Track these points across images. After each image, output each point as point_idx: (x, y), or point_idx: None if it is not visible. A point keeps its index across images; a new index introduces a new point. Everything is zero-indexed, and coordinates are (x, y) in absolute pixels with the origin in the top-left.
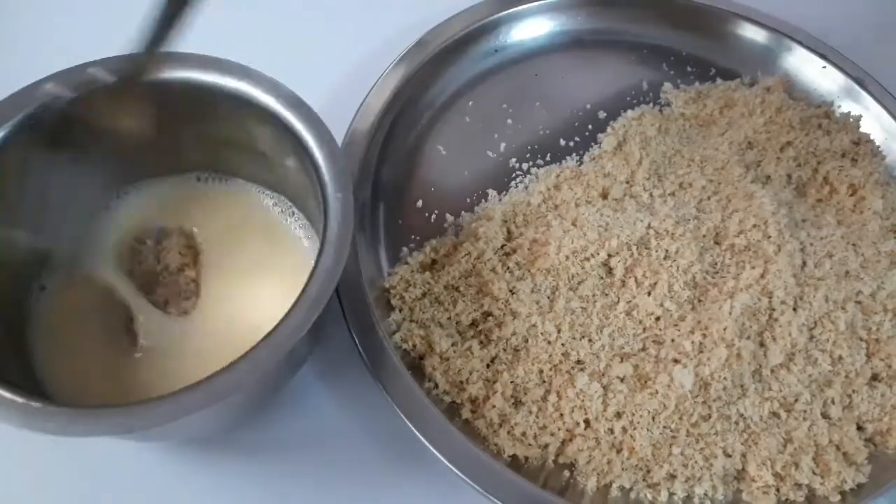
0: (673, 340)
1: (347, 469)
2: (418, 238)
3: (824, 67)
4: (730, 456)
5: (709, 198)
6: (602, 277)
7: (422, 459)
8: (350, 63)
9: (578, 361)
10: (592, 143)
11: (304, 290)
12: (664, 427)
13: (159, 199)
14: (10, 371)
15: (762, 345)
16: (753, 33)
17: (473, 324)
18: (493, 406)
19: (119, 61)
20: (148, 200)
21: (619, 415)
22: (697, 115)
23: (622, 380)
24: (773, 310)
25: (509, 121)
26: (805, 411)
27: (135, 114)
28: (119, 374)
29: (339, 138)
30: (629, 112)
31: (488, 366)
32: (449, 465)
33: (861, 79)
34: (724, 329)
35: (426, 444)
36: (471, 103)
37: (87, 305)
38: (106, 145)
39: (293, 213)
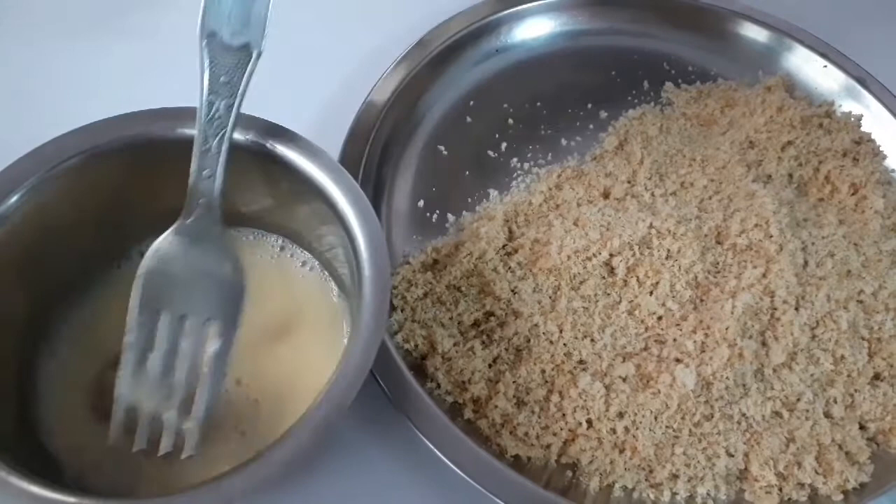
0: (675, 340)
1: (347, 467)
2: (419, 238)
3: (825, 67)
4: (732, 455)
5: (710, 197)
6: (604, 277)
7: (424, 459)
8: (351, 63)
9: (581, 361)
10: (594, 143)
11: (338, 369)
12: (666, 427)
13: None
14: (21, 450)
15: (764, 344)
16: (754, 33)
17: (475, 324)
18: (496, 406)
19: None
20: None
21: (621, 415)
22: (699, 115)
23: (624, 379)
24: (775, 309)
25: (510, 120)
26: (807, 411)
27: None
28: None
29: (341, 138)
30: (630, 111)
31: (490, 366)
32: (451, 465)
33: (862, 78)
34: (726, 328)
35: (428, 444)
36: (472, 103)
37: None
38: (127, 200)
39: (322, 271)
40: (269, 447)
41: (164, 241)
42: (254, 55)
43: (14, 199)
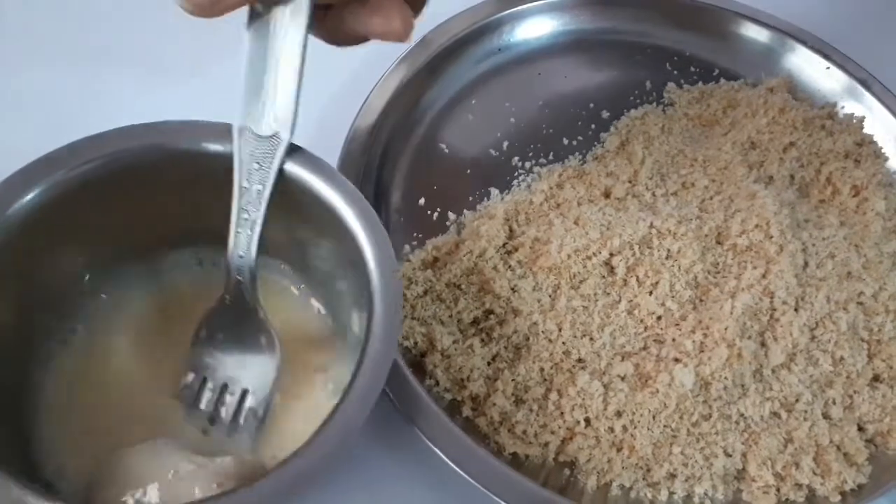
0: (674, 340)
1: (346, 463)
2: (420, 236)
3: (828, 68)
4: (730, 455)
5: (711, 198)
6: (604, 276)
7: (421, 456)
8: (353, 62)
9: (579, 360)
10: (595, 143)
11: (348, 389)
12: (665, 426)
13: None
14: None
15: (763, 345)
16: (757, 33)
17: (475, 322)
18: (494, 404)
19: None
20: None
21: (619, 413)
22: (700, 115)
23: (623, 379)
24: (775, 310)
25: (512, 119)
26: (806, 411)
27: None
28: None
29: (342, 137)
30: (632, 111)
31: (489, 364)
32: (449, 462)
33: (864, 79)
34: (726, 329)
35: (426, 441)
36: (473, 102)
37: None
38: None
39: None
40: (278, 465)
41: (211, 313)
42: (283, 144)
43: (25, 200)
